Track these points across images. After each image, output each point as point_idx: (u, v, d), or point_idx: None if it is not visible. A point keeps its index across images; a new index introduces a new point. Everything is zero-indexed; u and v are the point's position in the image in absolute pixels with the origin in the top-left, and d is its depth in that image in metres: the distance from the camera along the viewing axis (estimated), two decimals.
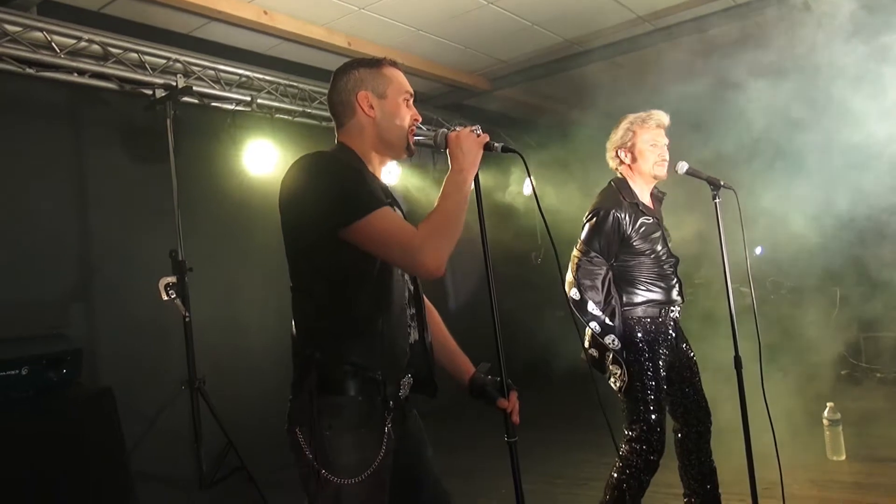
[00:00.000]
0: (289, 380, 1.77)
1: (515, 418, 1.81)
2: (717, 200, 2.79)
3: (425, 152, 6.56)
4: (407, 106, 1.89)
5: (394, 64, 1.92)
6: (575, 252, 3.05)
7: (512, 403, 1.82)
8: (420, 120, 1.92)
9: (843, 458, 4.09)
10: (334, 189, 1.67)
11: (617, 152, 3.10)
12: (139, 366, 4.15)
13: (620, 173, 3.12)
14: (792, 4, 4.87)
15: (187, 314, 3.85)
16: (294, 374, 1.76)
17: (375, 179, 1.86)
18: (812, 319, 6.01)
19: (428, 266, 1.62)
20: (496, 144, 1.88)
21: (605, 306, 2.94)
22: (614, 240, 2.96)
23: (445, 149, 1.83)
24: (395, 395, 1.78)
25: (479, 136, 1.83)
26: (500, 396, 1.82)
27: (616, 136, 3.11)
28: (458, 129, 1.85)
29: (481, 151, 1.82)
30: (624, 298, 2.99)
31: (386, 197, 1.81)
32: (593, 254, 2.97)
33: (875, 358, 5.95)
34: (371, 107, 1.84)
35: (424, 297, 1.99)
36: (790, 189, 5.87)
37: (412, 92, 1.92)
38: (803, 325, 5.94)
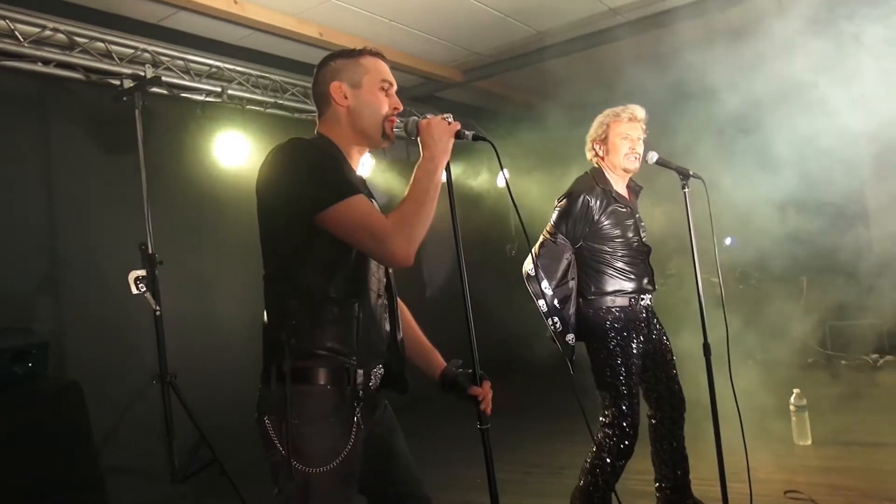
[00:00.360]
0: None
1: (487, 408, 1.81)
2: (686, 190, 2.83)
3: (400, 144, 6.55)
4: (386, 94, 1.88)
5: (375, 54, 1.91)
6: (543, 233, 3.10)
7: (485, 391, 1.81)
8: (400, 108, 1.90)
9: (810, 442, 4.18)
10: (309, 175, 1.68)
11: (593, 145, 3.17)
12: (109, 360, 4.10)
13: (596, 165, 3.17)
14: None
15: (158, 308, 3.80)
16: (264, 362, 1.75)
17: (352, 170, 1.86)
18: (780, 308, 6.14)
19: (397, 255, 1.63)
20: (467, 132, 1.86)
21: (558, 288, 2.99)
22: (582, 223, 3.01)
23: (416, 136, 1.82)
24: (366, 386, 1.78)
25: (450, 123, 1.82)
26: (471, 385, 1.82)
27: (592, 129, 3.19)
28: (429, 116, 1.84)
29: (452, 139, 1.81)
30: (594, 287, 3.03)
31: (362, 187, 1.81)
32: (560, 236, 3.03)
33: (840, 345, 6.09)
34: (345, 96, 1.84)
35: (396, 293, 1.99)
36: (759, 180, 5.98)
37: (392, 81, 1.90)
38: (771, 314, 6.06)
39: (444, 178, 1.81)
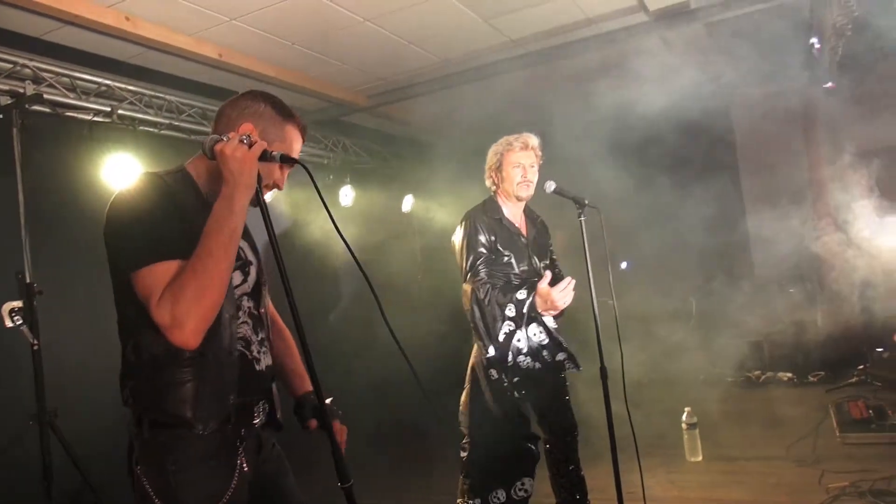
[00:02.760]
0: None
1: (340, 444, 1.82)
2: (583, 218, 2.92)
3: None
4: (280, 170, 1.75)
5: (303, 127, 1.79)
6: (465, 289, 3.05)
7: (313, 427, 1.83)
8: (281, 188, 1.78)
9: (700, 458, 4.38)
10: (128, 231, 1.56)
11: (490, 173, 3.22)
12: None
13: (493, 193, 3.23)
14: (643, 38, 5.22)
15: (36, 342, 3.52)
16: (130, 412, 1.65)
17: (199, 204, 1.66)
18: (672, 329, 6.45)
19: (173, 338, 1.46)
20: (274, 153, 1.62)
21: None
22: (486, 244, 3.06)
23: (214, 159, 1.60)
24: (249, 423, 1.69)
25: (251, 146, 1.56)
26: (311, 417, 1.83)
27: (488, 159, 3.24)
28: (225, 138, 1.57)
29: (255, 166, 1.56)
30: None
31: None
32: (481, 277, 3.00)
33: (726, 363, 6.43)
34: None
35: (278, 319, 1.96)
36: (651, 207, 6.30)
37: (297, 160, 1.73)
38: (664, 334, 6.35)
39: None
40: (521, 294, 2.96)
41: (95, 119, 4.50)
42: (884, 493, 3.43)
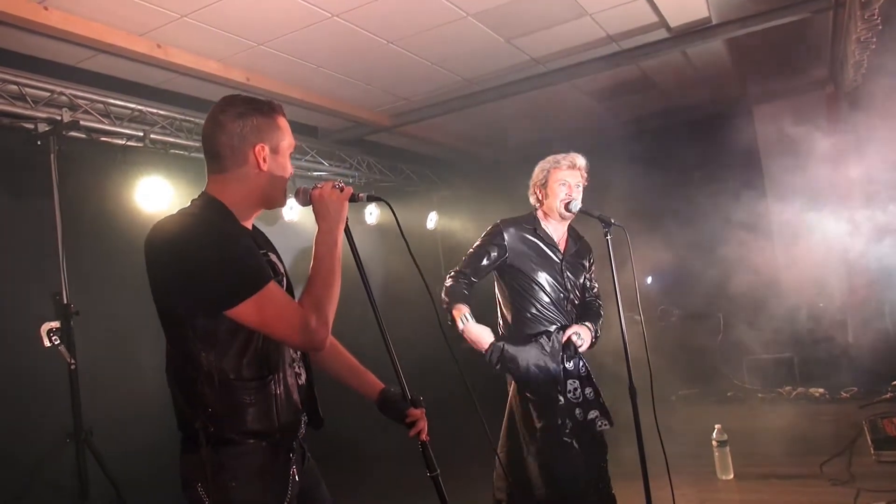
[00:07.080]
0: None
1: (423, 433, 1.86)
2: (609, 237, 2.94)
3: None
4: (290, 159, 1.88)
5: (283, 111, 1.87)
6: (448, 277, 3.21)
7: (419, 416, 1.87)
8: (293, 172, 1.92)
9: (732, 476, 4.31)
10: (217, 267, 1.60)
11: (534, 189, 3.28)
12: (18, 418, 3.83)
13: (536, 208, 3.27)
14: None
15: (73, 361, 3.61)
16: (183, 432, 1.69)
17: (246, 232, 1.78)
18: (700, 344, 6.37)
19: (317, 341, 1.64)
20: (361, 195, 1.91)
21: None
22: (493, 251, 3.15)
23: (309, 204, 1.84)
24: (296, 436, 1.80)
25: (342, 189, 1.83)
26: (409, 406, 1.87)
27: (534, 175, 3.30)
28: (319, 185, 1.84)
29: (346, 206, 1.82)
30: (513, 323, 3.15)
31: (259, 247, 1.79)
32: (463, 272, 3.16)
33: (756, 379, 6.35)
34: (264, 160, 1.77)
35: None
36: (675, 221, 6.27)
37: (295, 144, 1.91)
38: (692, 350, 6.28)
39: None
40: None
41: (128, 143, 4.62)
42: None
